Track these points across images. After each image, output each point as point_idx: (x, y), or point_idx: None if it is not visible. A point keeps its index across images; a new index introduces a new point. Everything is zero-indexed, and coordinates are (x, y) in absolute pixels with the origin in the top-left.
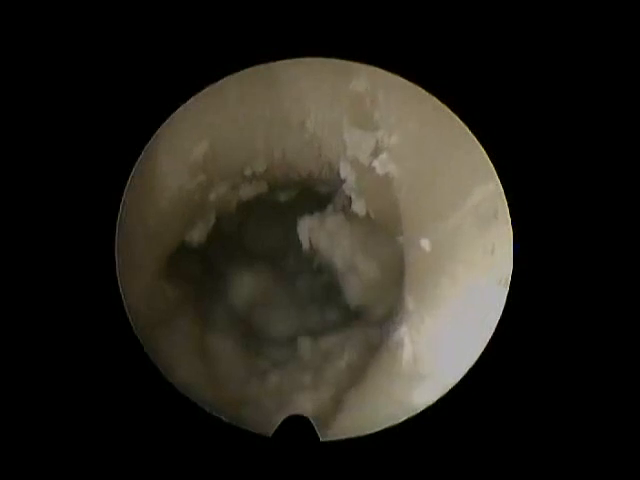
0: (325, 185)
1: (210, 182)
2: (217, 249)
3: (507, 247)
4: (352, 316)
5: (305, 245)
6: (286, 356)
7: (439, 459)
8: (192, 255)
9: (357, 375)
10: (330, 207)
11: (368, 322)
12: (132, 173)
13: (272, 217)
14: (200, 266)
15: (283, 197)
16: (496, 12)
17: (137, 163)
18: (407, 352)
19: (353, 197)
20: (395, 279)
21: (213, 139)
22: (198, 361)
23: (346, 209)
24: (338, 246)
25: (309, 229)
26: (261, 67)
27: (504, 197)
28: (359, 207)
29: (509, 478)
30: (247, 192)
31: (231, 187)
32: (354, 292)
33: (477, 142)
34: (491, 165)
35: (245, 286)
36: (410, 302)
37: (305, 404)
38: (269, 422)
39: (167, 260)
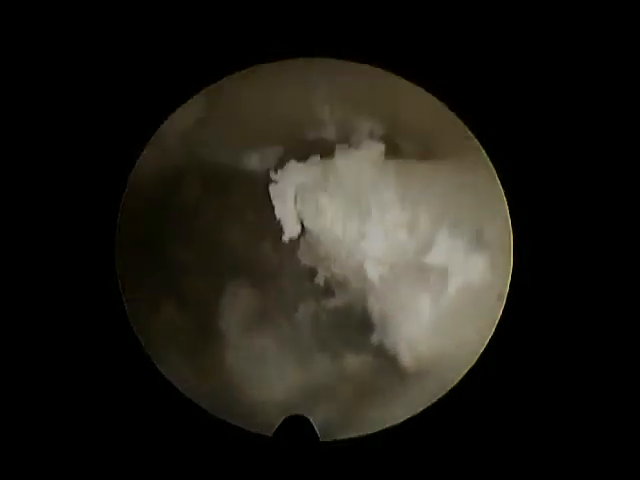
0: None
1: None
2: None
3: None
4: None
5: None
6: None
7: (439, 459)
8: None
9: None
10: (342, 146)
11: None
12: (132, 174)
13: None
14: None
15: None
16: (497, 13)
17: (136, 165)
18: None
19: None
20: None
21: None
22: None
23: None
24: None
25: (298, 189)
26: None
27: None
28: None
29: (509, 478)
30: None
31: None
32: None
33: None
34: None
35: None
36: None
37: None
38: None
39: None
